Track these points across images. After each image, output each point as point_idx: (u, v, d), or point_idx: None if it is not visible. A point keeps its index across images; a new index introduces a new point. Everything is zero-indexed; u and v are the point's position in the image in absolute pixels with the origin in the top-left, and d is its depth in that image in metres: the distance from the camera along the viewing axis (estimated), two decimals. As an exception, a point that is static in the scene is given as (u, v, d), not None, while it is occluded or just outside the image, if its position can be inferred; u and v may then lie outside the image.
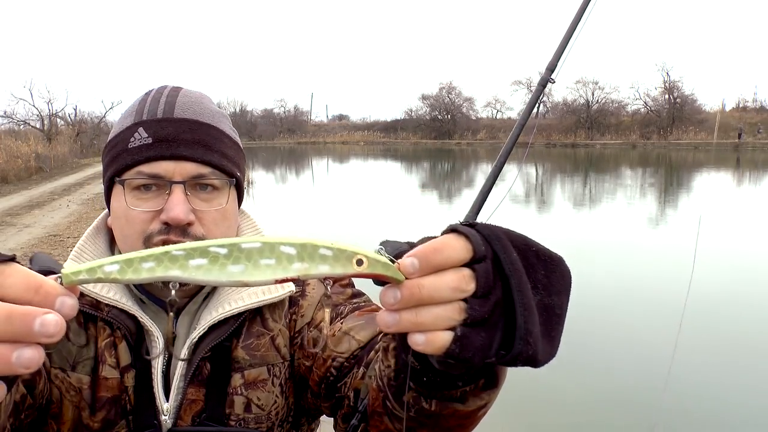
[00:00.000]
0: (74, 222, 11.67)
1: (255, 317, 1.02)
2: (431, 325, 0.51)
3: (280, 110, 76.61)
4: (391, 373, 0.71)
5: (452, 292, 0.51)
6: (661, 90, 55.83)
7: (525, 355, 0.52)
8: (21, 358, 0.42)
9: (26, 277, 0.44)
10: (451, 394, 0.66)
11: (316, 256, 0.50)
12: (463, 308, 0.51)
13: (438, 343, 0.51)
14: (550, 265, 0.56)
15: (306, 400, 1.03)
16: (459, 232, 0.53)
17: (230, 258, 0.49)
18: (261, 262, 0.49)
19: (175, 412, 0.96)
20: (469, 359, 0.51)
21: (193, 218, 0.94)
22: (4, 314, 0.42)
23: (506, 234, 0.55)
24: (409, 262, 0.51)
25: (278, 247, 0.50)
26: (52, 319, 0.42)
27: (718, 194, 18.26)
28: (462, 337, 0.51)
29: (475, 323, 0.51)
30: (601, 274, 8.22)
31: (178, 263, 0.48)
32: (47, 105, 46.92)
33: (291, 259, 0.50)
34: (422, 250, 0.51)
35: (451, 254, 0.51)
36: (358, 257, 0.50)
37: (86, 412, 0.94)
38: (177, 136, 0.95)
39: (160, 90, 1.02)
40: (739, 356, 5.47)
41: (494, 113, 68.58)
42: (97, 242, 1.04)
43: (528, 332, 0.52)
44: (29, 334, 0.42)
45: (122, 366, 0.96)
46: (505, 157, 1.28)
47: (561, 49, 1.34)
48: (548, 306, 0.55)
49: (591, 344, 5.56)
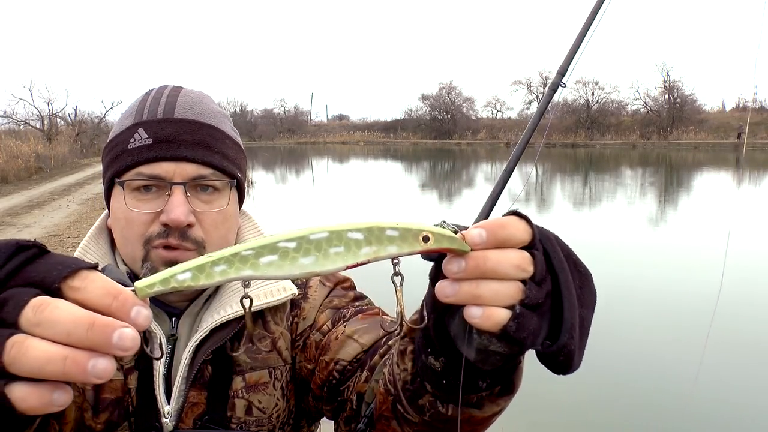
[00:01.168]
0: (74, 222, 11.67)
1: (257, 320, 1.02)
2: (490, 300, 0.52)
3: (280, 110, 76.71)
4: (408, 376, 0.71)
5: (515, 270, 0.52)
6: (661, 90, 55.87)
7: (568, 348, 0.54)
8: (96, 367, 0.42)
9: (106, 283, 0.46)
10: (469, 398, 0.66)
11: (383, 238, 0.51)
12: (522, 289, 0.52)
13: (496, 318, 0.52)
14: (584, 279, 0.58)
15: (307, 403, 1.03)
16: (521, 216, 0.55)
17: (300, 251, 0.49)
18: (330, 251, 0.50)
19: (176, 415, 0.95)
20: (523, 340, 0.52)
21: (193, 220, 0.93)
22: (87, 322, 0.43)
23: (555, 237, 0.58)
24: (476, 232, 0.52)
25: (345, 234, 0.50)
26: (129, 333, 0.43)
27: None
28: (520, 315, 0.52)
29: (531, 306, 0.52)
30: (602, 274, 8.20)
31: (249, 263, 0.48)
32: (47, 105, 47.02)
33: (359, 245, 0.50)
34: (489, 224, 0.53)
35: (515, 233, 0.53)
36: (424, 234, 0.51)
37: (89, 413, 0.94)
38: (177, 136, 0.94)
39: (160, 90, 1.01)
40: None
41: (494, 113, 68.60)
42: (100, 242, 1.04)
43: (573, 327, 0.54)
44: (107, 345, 0.43)
45: (126, 367, 0.95)
46: (514, 163, 1.26)
47: (572, 53, 1.33)
48: (581, 317, 0.56)
49: (602, 350, 5.54)
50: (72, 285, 0.45)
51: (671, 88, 54.77)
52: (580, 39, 1.38)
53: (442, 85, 65.90)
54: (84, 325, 0.43)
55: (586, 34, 1.37)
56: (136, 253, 0.94)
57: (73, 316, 0.43)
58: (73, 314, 0.43)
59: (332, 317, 1.01)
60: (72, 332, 0.42)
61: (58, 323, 0.42)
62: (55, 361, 0.42)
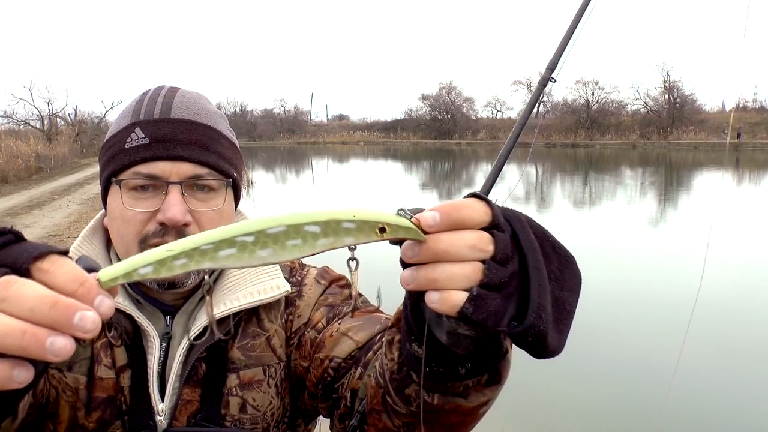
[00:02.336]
0: (74, 222, 11.68)
1: (251, 318, 1.02)
2: (446, 283, 0.51)
3: (280, 110, 76.75)
4: (395, 366, 0.71)
5: (470, 250, 0.51)
6: (661, 90, 55.86)
7: (536, 328, 0.52)
8: (54, 344, 0.44)
9: (74, 270, 0.47)
10: (454, 388, 0.66)
11: (340, 230, 0.51)
12: (481, 269, 0.52)
13: (452, 302, 0.51)
14: (564, 261, 0.57)
15: (303, 401, 1.03)
16: (480, 197, 0.54)
17: (258, 244, 0.50)
18: (288, 243, 0.51)
19: (170, 413, 0.95)
20: (482, 322, 0.51)
21: (190, 219, 0.94)
22: (50, 301, 0.44)
23: (526, 218, 0.57)
24: (430, 215, 0.52)
25: (303, 227, 0.51)
26: (90, 315, 0.44)
27: (722, 195, 18.25)
28: (477, 297, 0.51)
29: (492, 287, 0.52)
30: (600, 274, 8.22)
31: (208, 256, 0.50)
32: (47, 105, 47.08)
33: (316, 237, 0.51)
34: (443, 206, 0.53)
35: (471, 214, 0.52)
36: (380, 225, 0.51)
37: (82, 412, 0.94)
38: (174, 136, 0.95)
39: (157, 90, 1.02)
40: (743, 363, 5.41)
41: (494, 113, 68.67)
42: (94, 242, 1.04)
43: (541, 307, 0.53)
44: (67, 325, 0.44)
45: (118, 366, 0.96)
46: (504, 157, 1.26)
47: (561, 48, 1.33)
48: (559, 299, 0.55)
49: (591, 348, 5.54)
50: (41, 267, 0.47)
51: (671, 88, 54.78)
52: (569, 34, 1.38)
53: (442, 85, 66.04)
54: (47, 303, 0.44)
55: (576, 28, 1.38)
56: (132, 252, 0.95)
57: (37, 294, 0.44)
58: (38, 292, 0.44)
59: (327, 315, 1.02)
60: (35, 309, 0.44)
61: (22, 300, 0.44)
62: (14, 334, 0.43)
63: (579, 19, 1.34)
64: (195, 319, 0.99)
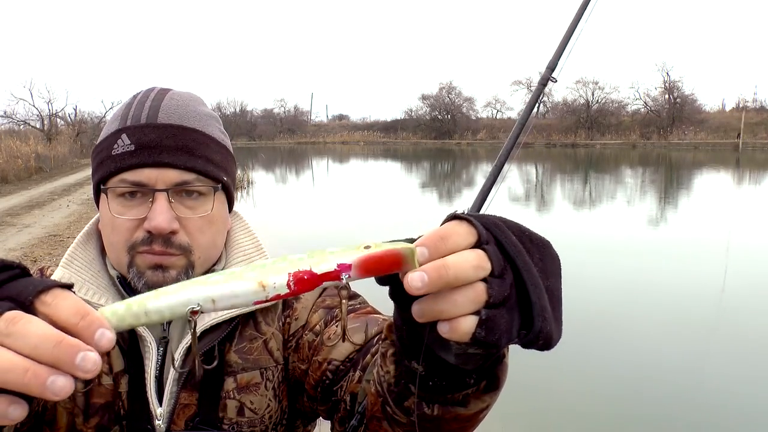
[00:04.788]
0: (74, 222, 11.68)
1: (248, 321, 1.02)
2: (453, 312, 0.51)
3: (280, 110, 76.52)
4: (391, 379, 0.70)
5: (475, 271, 0.50)
6: (661, 90, 55.78)
7: (545, 331, 0.53)
8: (55, 384, 0.44)
9: (77, 303, 0.47)
10: (454, 397, 0.66)
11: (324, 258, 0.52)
12: (484, 289, 0.51)
13: (463, 330, 0.50)
14: (542, 249, 0.57)
15: (302, 404, 1.03)
16: (460, 218, 0.54)
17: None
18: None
19: (168, 417, 0.95)
20: (496, 342, 0.51)
21: (177, 226, 0.93)
22: (55, 339, 0.44)
23: (502, 221, 0.56)
24: (419, 251, 0.51)
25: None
26: (92, 357, 0.45)
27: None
28: (487, 320, 0.50)
29: (497, 304, 0.51)
30: (599, 275, 8.21)
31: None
32: (47, 105, 47.15)
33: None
34: (429, 239, 0.52)
35: (457, 240, 0.52)
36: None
37: (80, 419, 0.94)
38: (160, 142, 0.94)
39: (146, 93, 1.01)
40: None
41: (494, 113, 68.48)
42: (88, 249, 1.04)
43: (543, 308, 0.53)
44: (69, 364, 0.44)
45: (116, 371, 0.96)
46: (505, 156, 1.27)
47: (561, 47, 1.34)
48: (549, 289, 0.56)
49: (598, 349, 5.54)
50: (44, 300, 0.47)
51: (671, 88, 54.73)
52: (569, 34, 1.38)
53: (442, 85, 65.79)
54: (51, 341, 0.44)
55: (575, 28, 1.37)
56: (122, 259, 0.95)
57: (41, 331, 0.45)
58: (43, 330, 0.45)
59: (325, 317, 1.01)
60: (38, 346, 0.44)
61: (27, 336, 0.44)
62: (17, 370, 0.44)
63: (579, 20, 1.34)
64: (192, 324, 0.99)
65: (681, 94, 54.77)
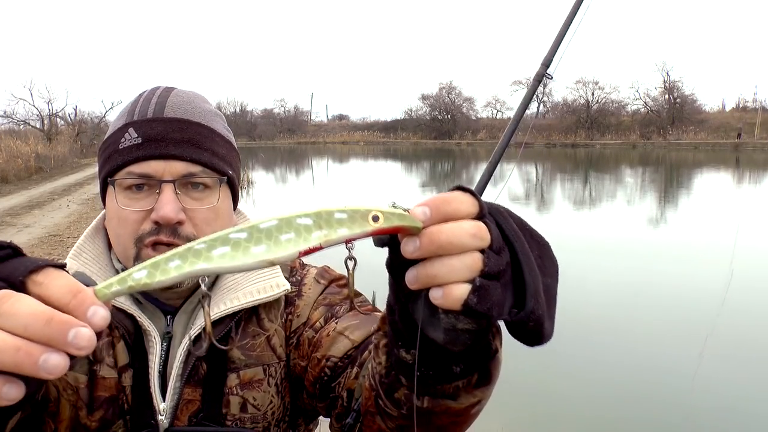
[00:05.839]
0: (74, 222, 11.67)
1: (251, 317, 1.02)
2: (447, 277, 0.51)
3: (280, 110, 76.54)
4: (383, 369, 0.71)
5: (471, 239, 0.51)
6: (661, 90, 55.80)
7: (536, 314, 0.53)
8: (48, 362, 0.43)
9: (68, 281, 0.47)
10: (444, 390, 0.65)
11: (332, 221, 0.51)
12: (481, 258, 0.51)
13: (456, 295, 0.50)
14: (542, 248, 0.58)
15: (302, 401, 1.04)
16: (466, 189, 0.54)
17: (251, 240, 0.50)
18: (281, 238, 0.51)
19: (171, 412, 0.96)
20: (487, 311, 0.51)
21: (183, 217, 0.94)
22: (46, 317, 0.44)
23: (505, 210, 0.57)
24: (420, 210, 0.51)
25: (294, 220, 0.51)
26: (86, 333, 0.44)
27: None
28: (480, 287, 0.50)
29: (492, 276, 0.51)
30: (599, 276, 8.21)
31: (202, 256, 0.49)
32: (47, 105, 47.07)
33: (309, 230, 0.51)
34: (432, 200, 0.52)
35: (459, 206, 0.52)
36: (373, 213, 0.51)
37: (84, 411, 0.95)
38: (166, 135, 0.95)
39: (152, 90, 1.03)
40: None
41: (494, 113, 68.42)
42: (96, 242, 1.05)
43: (537, 292, 0.53)
44: (62, 342, 0.44)
45: (120, 366, 0.96)
46: (499, 155, 1.27)
47: (556, 44, 1.34)
48: (545, 285, 0.56)
49: (597, 349, 5.52)
50: (35, 280, 0.47)
51: (671, 88, 54.73)
52: (564, 30, 1.38)
53: (442, 85, 65.81)
54: (42, 319, 0.44)
55: (570, 24, 1.38)
56: (128, 252, 0.96)
57: (32, 310, 0.44)
58: (33, 308, 0.44)
59: (325, 314, 1.02)
60: (29, 325, 0.43)
61: (17, 315, 0.44)
62: (8, 350, 0.43)
63: (574, 15, 1.34)
64: (195, 319, 1.00)
65: (681, 94, 54.79)
